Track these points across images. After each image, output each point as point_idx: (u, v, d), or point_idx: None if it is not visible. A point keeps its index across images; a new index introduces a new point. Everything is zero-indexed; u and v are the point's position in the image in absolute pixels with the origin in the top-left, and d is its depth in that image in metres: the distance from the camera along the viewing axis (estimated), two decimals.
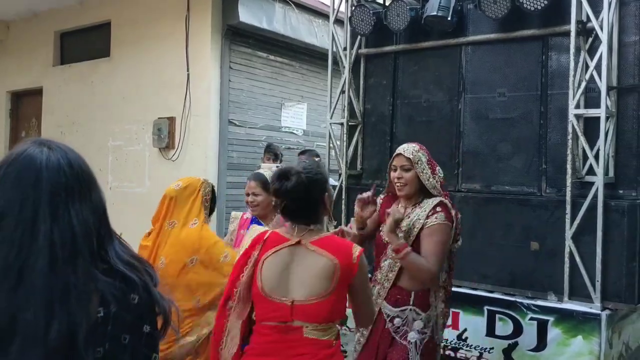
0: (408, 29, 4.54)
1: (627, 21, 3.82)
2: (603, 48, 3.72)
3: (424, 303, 2.91)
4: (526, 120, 4.16)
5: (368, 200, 2.98)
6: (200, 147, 6.56)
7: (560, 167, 3.94)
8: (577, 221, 3.77)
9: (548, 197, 4.02)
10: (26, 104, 8.81)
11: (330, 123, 5.10)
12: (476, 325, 3.97)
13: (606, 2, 3.71)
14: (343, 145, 5.01)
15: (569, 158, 3.82)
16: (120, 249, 1.26)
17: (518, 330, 3.85)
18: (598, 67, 3.75)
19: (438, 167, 3.03)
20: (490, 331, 3.94)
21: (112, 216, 1.27)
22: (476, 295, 4.08)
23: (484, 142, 4.33)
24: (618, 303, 3.70)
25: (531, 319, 3.82)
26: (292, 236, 2.22)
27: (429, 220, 2.87)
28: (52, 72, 8.20)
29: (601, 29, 3.74)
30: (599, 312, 3.64)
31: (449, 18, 4.30)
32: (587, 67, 3.83)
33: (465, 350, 4.01)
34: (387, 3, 4.81)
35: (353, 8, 4.83)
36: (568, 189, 3.82)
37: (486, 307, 3.96)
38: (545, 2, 3.84)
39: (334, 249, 2.19)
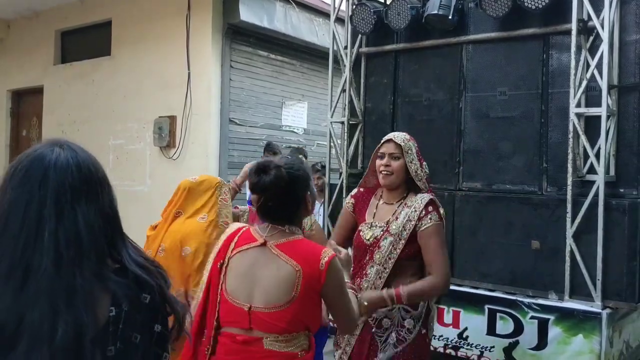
0: (409, 28, 4.54)
1: (628, 20, 3.82)
2: (604, 47, 3.72)
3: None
4: (527, 119, 4.15)
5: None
6: (201, 146, 6.57)
7: (561, 166, 3.94)
8: (578, 220, 3.77)
9: (549, 196, 4.02)
10: (27, 103, 8.81)
11: (331, 122, 5.10)
12: (477, 324, 3.97)
13: (607, 1, 3.70)
14: (344, 144, 5.01)
15: (570, 157, 3.82)
16: (132, 252, 1.25)
17: (519, 329, 3.86)
18: (599, 66, 3.74)
19: (425, 162, 2.87)
20: (491, 330, 3.95)
21: None
22: (477, 294, 4.08)
23: (485, 141, 4.33)
24: (619, 302, 3.70)
25: (532, 318, 3.82)
26: (261, 236, 2.07)
27: (423, 222, 2.71)
28: (53, 71, 8.21)
29: (602, 28, 3.73)
30: (600, 311, 3.64)
31: (450, 17, 4.30)
32: (588, 66, 3.83)
33: (465, 349, 4.01)
34: (388, 2, 4.81)
35: (354, 7, 4.82)
36: (569, 188, 3.82)
37: (487, 306, 3.97)
38: (546, 1, 3.84)
39: (300, 255, 2.00)
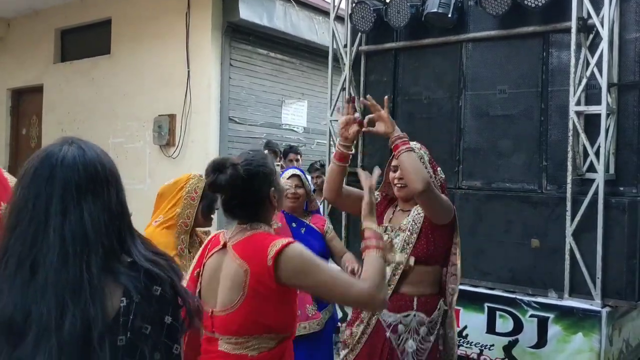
0: (408, 26, 4.53)
1: (628, 18, 3.82)
2: (604, 45, 3.72)
3: (429, 307, 2.76)
4: (527, 117, 4.15)
5: (351, 120, 2.74)
6: (200, 145, 6.57)
7: (560, 164, 3.94)
8: (578, 218, 3.77)
9: (548, 194, 4.02)
10: (27, 102, 8.81)
11: (330, 120, 5.09)
12: (476, 322, 3.97)
13: None
14: None
15: (570, 155, 3.81)
16: (142, 248, 1.27)
17: (518, 327, 3.86)
18: (599, 64, 3.74)
19: (439, 168, 2.91)
20: (490, 328, 3.95)
21: None
22: (476, 292, 4.08)
23: (485, 139, 4.33)
24: (618, 300, 3.69)
25: (531, 316, 3.82)
26: (224, 238, 2.02)
27: None
28: (53, 70, 8.21)
29: (602, 26, 3.73)
30: (600, 309, 3.64)
31: (450, 15, 4.29)
32: (588, 64, 3.82)
33: (465, 347, 4.01)
34: (388, 0, 4.81)
35: (353, 5, 4.81)
36: (568, 186, 3.81)
37: (486, 304, 3.97)
38: None
39: (248, 253, 1.91)
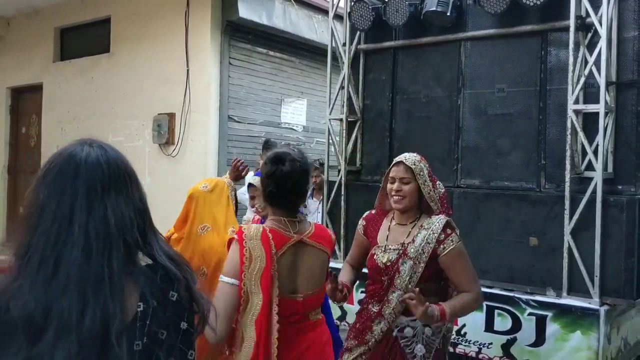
0: (407, 25, 4.54)
1: (626, 16, 3.82)
2: (602, 43, 3.72)
3: None
4: (525, 115, 4.15)
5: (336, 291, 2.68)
6: (200, 143, 6.57)
7: (559, 163, 3.94)
8: (576, 217, 3.77)
9: (547, 193, 4.03)
10: (26, 100, 8.82)
11: (329, 119, 5.10)
12: (475, 320, 3.97)
13: None
14: (342, 141, 5.01)
15: (568, 153, 3.82)
16: (163, 244, 1.31)
17: (517, 325, 3.86)
18: (597, 63, 3.74)
19: (439, 182, 2.87)
20: (489, 326, 3.95)
21: None
22: None
23: (483, 138, 4.33)
24: (616, 298, 3.70)
25: (530, 314, 3.82)
26: (290, 233, 2.25)
27: (444, 245, 2.66)
28: (53, 68, 8.21)
29: (600, 25, 3.73)
30: (598, 308, 3.64)
31: (448, 13, 4.29)
32: (586, 63, 3.82)
33: (464, 345, 4.01)
34: None
35: (352, 3, 4.81)
36: (567, 185, 3.82)
37: (485, 303, 3.96)
38: None
39: (325, 241, 2.36)
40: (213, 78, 6.52)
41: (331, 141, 5.11)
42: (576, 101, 3.84)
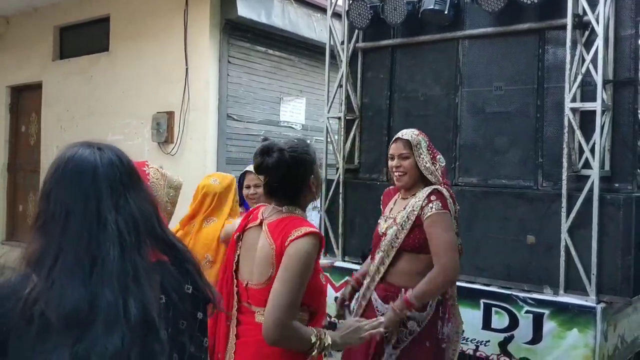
0: (405, 23, 4.55)
1: (623, 14, 3.82)
2: (599, 41, 3.72)
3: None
4: (523, 113, 4.16)
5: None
6: (199, 142, 6.57)
7: (556, 161, 3.95)
8: (573, 214, 3.78)
9: (544, 191, 4.03)
10: (26, 99, 8.82)
11: (327, 117, 5.11)
12: (472, 318, 3.98)
13: None
14: (340, 139, 5.02)
15: (565, 151, 3.83)
16: (172, 236, 1.39)
17: (514, 323, 3.87)
18: (594, 61, 3.75)
19: (439, 156, 2.87)
20: (486, 324, 3.96)
21: None
22: (472, 288, 4.08)
23: (481, 136, 4.34)
24: (613, 296, 3.71)
25: (527, 312, 3.83)
26: (261, 216, 2.19)
27: (424, 210, 2.69)
28: (52, 67, 8.21)
29: (597, 23, 3.73)
30: (595, 305, 3.65)
31: (446, 12, 4.30)
32: (584, 61, 3.83)
33: (461, 343, 4.01)
34: None
35: (350, 2, 4.81)
36: (564, 183, 3.83)
37: (482, 301, 3.98)
38: None
39: (278, 233, 2.06)
40: (212, 76, 6.52)
41: (329, 139, 5.12)
42: (573, 99, 3.84)
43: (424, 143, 2.81)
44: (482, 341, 3.95)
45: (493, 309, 3.95)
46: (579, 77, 3.83)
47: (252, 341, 2.08)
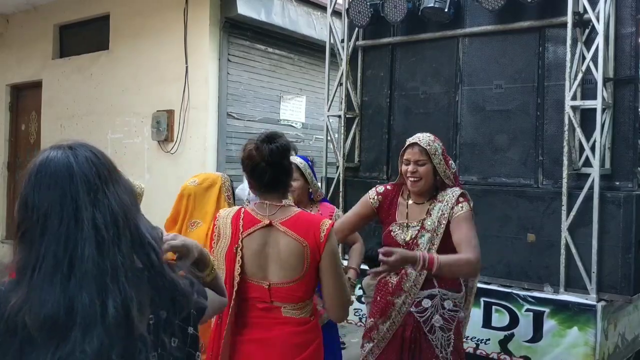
0: (405, 21, 4.55)
1: (624, 12, 3.82)
2: (599, 39, 3.72)
3: (451, 285, 2.75)
4: (523, 112, 4.16)
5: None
6: (199, 140, 6.57)
7: (556, 159, 3.95)
8: (573, 213, 3.78)
9: (544, 189, 4.03)
10: (26, 97, 8.81)
11: (327, 115, 5.10)
12: (472, 316, 3.96)
13: None
14: (340, 137, 5.02)
15: (566, 150, 3.82)
16: (149, 226, 1.34)
17: (514, 321, 3.87)
18: (594, 59, 3.75)
19: (451, 161, 2.88)
20: (486, 322, 3.96)
21: None
22: None
23: (481, 134, 4.34)
24: (614, 294, 3.71)
25: (527, 311, 3.83)
26: (264, 216, 2.19)
27: (454, 210, 2.71)
28: (52, 65, 8.20)
29: (597, 21, 3.73)
30: (595, 304, 3.65)
31: (446, 10, 4.30)
32: (584, 59, 3.83)
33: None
34: None
35: (350, 0, 4.82)
36: (564, 181, 3.82)
37: (482, 299, 3.97)
38: None
39: (303, 230, 2.14)
40: (212, 75, 6.51)
41: (329, 138, 5.11)
42: (574, 97, 3.84)
43: (440, 149, 2.79)
44: (483, 339, 3.95)
45: (493, 307, 3.95)
46: (580, 75, 3.83)
47: (280, 333, 2.16)
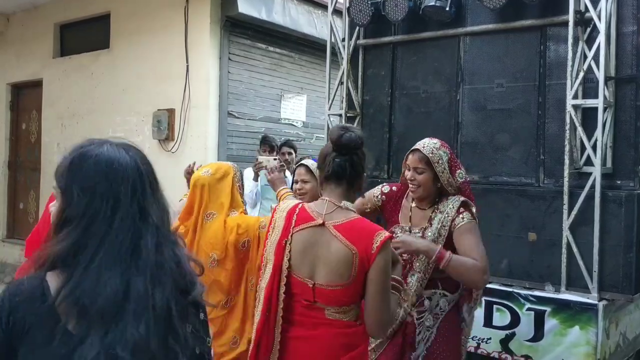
0: (406, 20, 4.53)
1: (625, 11, 3.81)
2: (601, 38, 3.71)
3: (452, 285, 2.77)
4: (524, 110, 4.15)
5: None
6: (199, 139, 6.56)
7: (558, 158, 3.94)
8: (575, 212, 3.78)
9: (546, 188, 4.03)
10: (26, 96, 8.81)
11: (328, 114, 5.10)
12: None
13: None
14: None
15: (567, 149, 3.82)
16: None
17: (515, 320, 3.86)
18: (596, 58, 3.74)
19: (459, 170, 2.80)
20: (487, 322, 3.95)
21: None
22: None
23: (482, 133, 4.33)
24: (615, 293, 3.71)
25: (528, 310, 3.83)
26: (319, 215, 2.15)
27: (456, 222, 2.70)
28: (52, 64, 8.20)
29: (599, 19, 3.72)
30: (596, 303, 3.65)
31: (447, 8, 4.29)
32: (585, 58, 3.82)
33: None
34: None
35: None
36: (566, 180, 3.82)
37: (484, 298, 3.95)
38: None
39: (356, 237, 2.08)
40: (212, 74, 6.51)
41: None
42: (575, 96, 3.83)
43: (445, 157, 2.73)
44: (484, 339, 3.95)
45: (494, 307, 3.94)
46: (581, 74, 3.82)
47: (326, 333, 2.14)
